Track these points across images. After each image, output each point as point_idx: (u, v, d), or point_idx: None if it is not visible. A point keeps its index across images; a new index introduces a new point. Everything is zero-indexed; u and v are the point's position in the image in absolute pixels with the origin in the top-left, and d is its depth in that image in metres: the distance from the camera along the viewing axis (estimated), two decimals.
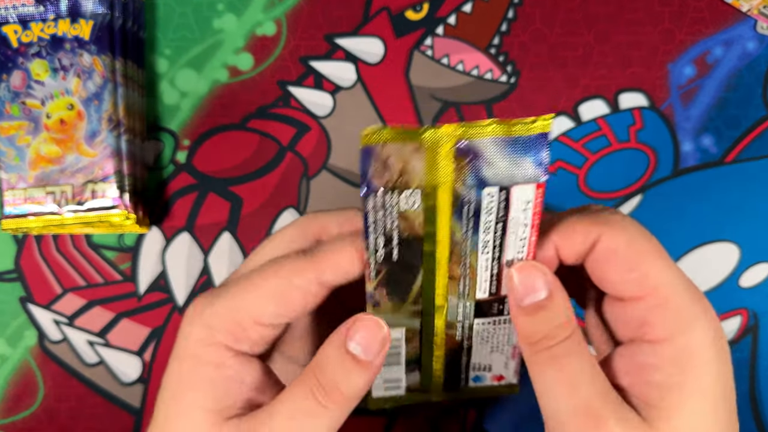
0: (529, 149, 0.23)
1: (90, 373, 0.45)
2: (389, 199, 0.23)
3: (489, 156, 0.23)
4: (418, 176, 0.23)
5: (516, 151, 0.23)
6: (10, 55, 0.44)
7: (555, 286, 0.25)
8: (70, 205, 0.42)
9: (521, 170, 0.23)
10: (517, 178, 0.23)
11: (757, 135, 0.46)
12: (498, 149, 0.23)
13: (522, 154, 0.23)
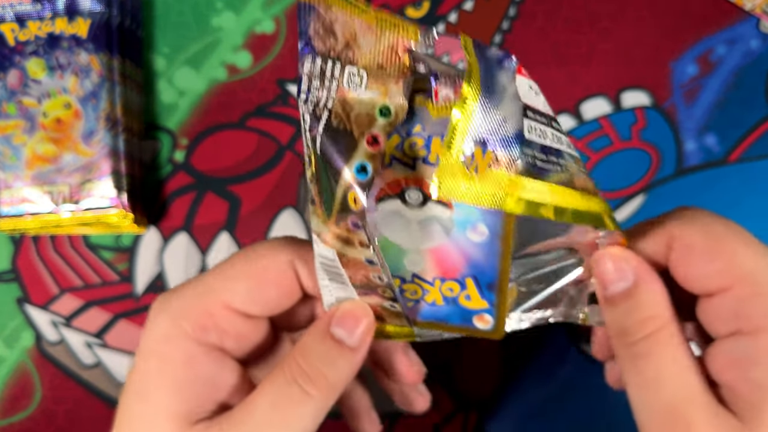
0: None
1: (87, 374, 0.45)
2: (330, 68, 0.20)
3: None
4: (367, 57, 0.20)
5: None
6: (7, 53, 0.44)
7: (642, 277, 0.23)
8: (67, 204, 0.42)
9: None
10: None
11: (761, 134, 0.46)
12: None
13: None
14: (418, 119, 0.20)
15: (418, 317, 0.25)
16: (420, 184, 0.22)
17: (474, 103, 0.20)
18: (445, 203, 0.22)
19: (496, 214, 0.23)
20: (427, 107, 0.20)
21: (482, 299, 0.25)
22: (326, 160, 0.20)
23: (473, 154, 0.20)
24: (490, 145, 0.20)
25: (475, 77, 0.20)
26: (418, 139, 0.21)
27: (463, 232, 0.23)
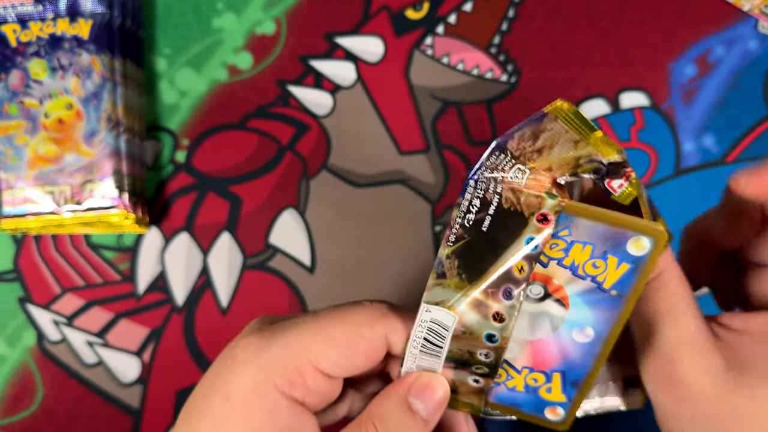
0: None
1: (89, 373, 0.45)
2: (503, 161, 0.22)
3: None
4: (544, 162, 0.22)
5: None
6: (9, 54, 0.44)
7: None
8: (69, 204, 0.42)
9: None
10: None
11: (759, 134, 0.46)
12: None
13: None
14: (568, 225, 0.22)
15: (491, 398, 0.27)
16: (546, 281, 0.24)
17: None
18: (563, 303, 0.24)
19: (607, 322, 0.24)
20: (579, 215, 0.22)
21: (562, 394, 0.26)
22: (491, 238, 0.22)
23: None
24: None
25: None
26: (561, 242, 0.23)
27: (569, 331, 0.25)
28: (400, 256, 0.46)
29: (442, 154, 0.46)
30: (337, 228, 0.46)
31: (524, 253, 0.22)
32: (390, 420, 0.25)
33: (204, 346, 0.45)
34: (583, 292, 0.24)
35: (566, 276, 0.24)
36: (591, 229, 0.22)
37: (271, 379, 0.25)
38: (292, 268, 0.46)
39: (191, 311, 0.45)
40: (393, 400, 0.25)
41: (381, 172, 0.46)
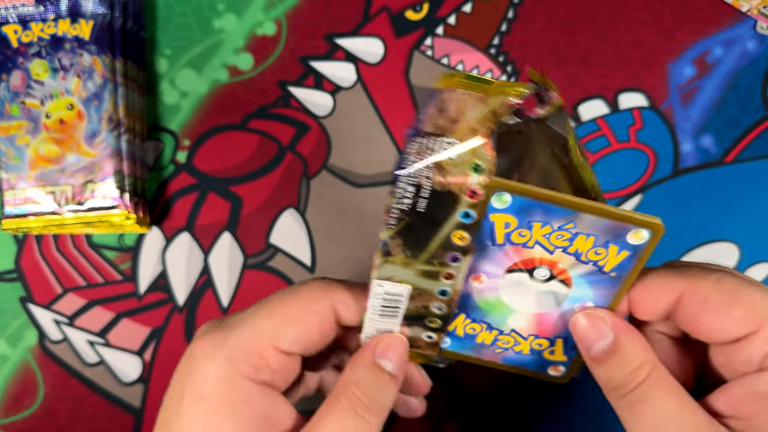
0: None
1: (90, 373, 0.46)
2: (427, 143, 0.23)
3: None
4: (465, 126, 0.23)
5: None
6: (10, 55, 0.44)
7: (621, 330, 0.25)
8: (71, 205, 0.42)
9: None
10: None
11: (757, 135, 0.46)
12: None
13: None
14: (573, 219, 0.24)
15: (501, 360, 0.30)
16: (552, 266, 0.26)
17: None
18: (567, 283, 0.26)
19: (606, 298, 0.27)
20: (587, 212, 0.24)
21: (564, 355, 0.29)
22: (428, 216, 0.24)
23: None
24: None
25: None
26: (566, 233, 0.25)
27: (571, 305, 0.27)
28: None
29: None
30: (337, 228, 0.46)
31: (458, 224, 0.24)
32: (365, 383, 0.26)
33: None
34: (585, 273, 0.26)
35: (570, 261, 0.26)
36: (595, 222, 0.24)
37: (237, 368, 0.25)
38: (292, 268, 0.46)
39: (192, 311, 0.46)
40: (363, 366, 0.27)
41: (381, 173, 0.46)
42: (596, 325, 0.25)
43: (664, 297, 0.25)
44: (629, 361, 0.25)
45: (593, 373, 0.26)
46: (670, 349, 0.28)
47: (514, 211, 0.24)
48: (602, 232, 0.24)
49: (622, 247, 0.25)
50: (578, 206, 0.24)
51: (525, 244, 0.25)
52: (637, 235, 0.24)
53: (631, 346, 0.25)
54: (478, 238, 0.25)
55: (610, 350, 0.25)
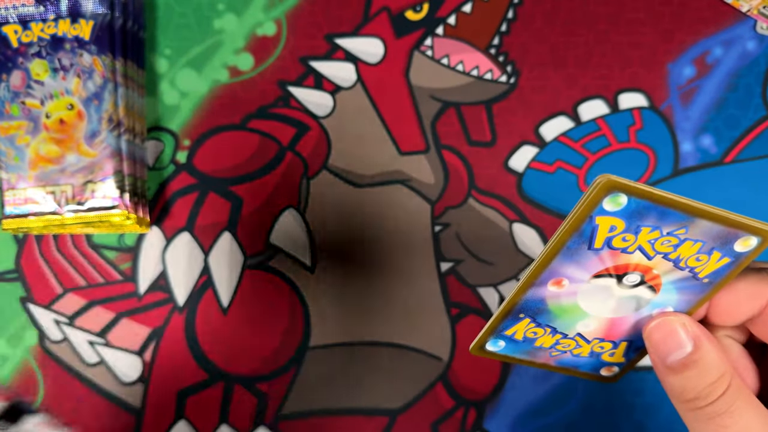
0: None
1: (90, 372, 0.46)
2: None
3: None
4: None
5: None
6: (10, 55, 0.44)
7: (701, 339, 0.24)
8: (71, 205, 0.42)
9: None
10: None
11: (757, 135, 0.46)
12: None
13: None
14: (687, 225, 0.23)
15: (554, 363, 0.29)
16: (646, 271, 0.24)
17: None
18: (655, 289, 0.25)
19: (689, 303, 0.26)
20: (706, 217, 0.23)
21: (623, 357, 0.28)
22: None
23: None
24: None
25: None
26: (674, 239, 0.23)
27: (650, 310, 0.26)
28: (400, 257, 0.46)
29: (441, 155, 0.46)
30: (337, 228, 0.46)
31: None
32: None
33: (205, 345, 0.46)
34: (678, 279, 0.25)
35: (667, 267, 0.24)
36: (709, 228, 0.23)
37: None
38: (292, 268, 0.46)
39: (192, 311, 0.46)
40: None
41: (381, 173, 0.46)
42: (674, 334, 0.24)
43: (749, 304, 0.24)
44: (708, 372, 0.23)
45: (664, 381, 0.24)
46: (740, 355, 0.27)
47: (625, 216, 0.22)
48: (712, 238, 0.23)
49: (726, 254, 0.24)
50: (698, 212, 0.22)
51: (625, 249, 0.24)
52: (745, 243, 0.23)
53: (710, 356, 0.23)
54: (574, 240, 0.23)
55: (689, 360, 0.23)
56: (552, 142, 0.46)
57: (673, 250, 0.24)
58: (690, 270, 0.24)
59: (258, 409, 0.45)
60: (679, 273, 0.24)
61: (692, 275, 0.24)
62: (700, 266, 0.24)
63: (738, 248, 0.24)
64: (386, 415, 0.46)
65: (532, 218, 0.46)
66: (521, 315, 0.26)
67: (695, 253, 0.24)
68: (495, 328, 0.27)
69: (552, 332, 0.27)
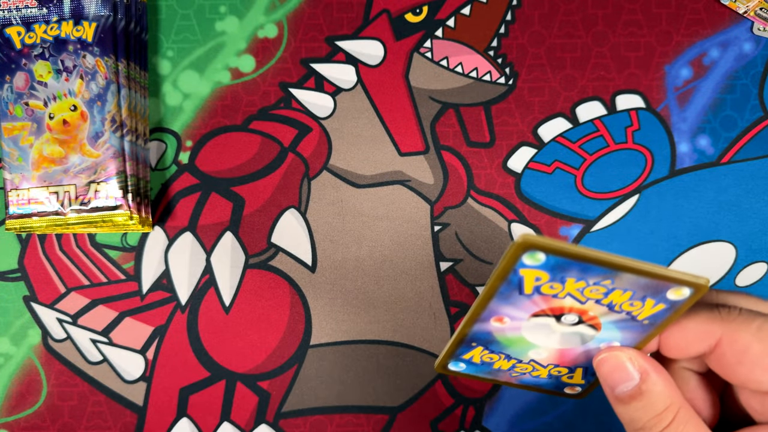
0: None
1: (93, 371, 0.46)
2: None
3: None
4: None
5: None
6: (14, 56, 0.44)
7: (647, 372, 0.24)
8: (74, 205, 0.43)
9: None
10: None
11: (753, 136, 0.46)
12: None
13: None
14: (612, 276, 0.23)
15: (516, 382, 0.30)
16: (582, 313, 0.25)
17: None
18: (596, 327, 0.25)
19: (634, 340, 0.26)
20: (629, 272, 0.23)
21: (582, 380, 0.29)
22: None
23: None
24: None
25: None
26: (602, 288, 0.24)
27: (597, 345, 0.26)
28: (400, 256, 0.46)
29: (440, 155, 0.46)
30: (337, 228, 0.46)
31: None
32: None
33: (207, 343, 0.46)
34: (616, 320, 0.25)
35: (602, 310, 0.25)
36: (635, 281, 0.23)
37: None
38: (293, 268, 0.46)
39: (195, 310, 0.46)
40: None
41: (381, 173, 0.46)
42: (622, 366, 0.25)
43: (699, 343, 0.24)
44: (654, 404, 0.24)
45: (616, 411, 0.25)
46: (697, 387, 0.27)
47: (547, 269, 0.23)
48: (641, 288, 0.23)
49: (660, 300, 0.24)
50: (619, 266, 0.23)
51: (555, 295, 0.24)
52: (677, 292, 0.23)
53: (657, 389, 0.24)
54: (505, 286, 0.24)
55: (635, 392, 0.24)
56: (550, 142, 0.46)
57: (604, 296, 0.24)
58: (627, 313, 0.24)
59: (259, 407, 0.45)
60: (616, 315, 0.25)
61: (630, 317, 0.25)
62: (636, 310, 0.24)
63: (671, 297, 0.24)
64: (386, 413, 0.46)
65: (531, 218, 0.46)
66: (473, 344, 0.27)
67: (628, 300, 0.24)
68: (452, 353, 0.28)
69: (506, 358, 0.28)
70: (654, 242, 0.46)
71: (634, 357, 0.25)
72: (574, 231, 0.46)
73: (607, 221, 0.46)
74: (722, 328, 0.24)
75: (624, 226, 0.46)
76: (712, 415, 0.27)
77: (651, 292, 0.23)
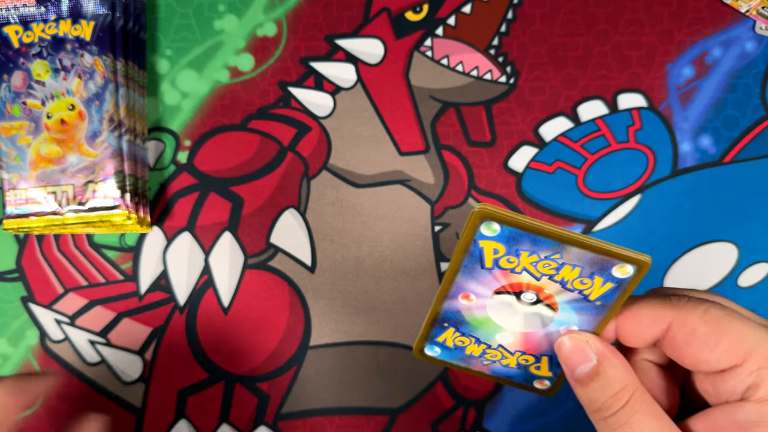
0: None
1: (91, 372, 0.46)
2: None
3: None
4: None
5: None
6: (11, 55, 0.44)
7: (604, 354, 0.26)
8: (72, 205, 0.43)
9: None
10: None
11: (756, 135, 0.46)
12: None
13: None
14: (560, 250, 0.25)
15: (488, 371, 0.31)
16: (539, 291, 0.26)
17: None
18: (553, 308, 0.27)
19: (591, 323, 0.27)
20: (574, 245, 0.25)
21: (549, 371, 0.30)
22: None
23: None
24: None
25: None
26: (553, 263, 0.25)
27: (557, 328, 0.28)
28: (400, 256, 0.46)
29: (441, 155, 0.46)
30: (337, 228, 0.46)
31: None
32: None
33: (206, 344, 0.46)
34: (570, 300, 0.27)
35: (556, 288, 0.26)
36: (581, 255, 0.25)
37: None
38: (293, 268, 0.46)
39: (193, 310, 0.46)
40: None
41: (381, 173, 0.46)
42: (580, 348, 0.26)
43: (652, 327, 0.26)
44: (611, 384, 0.26)
45: (576, 393, 0.27)
46: (657, 377, 0.28)
47: (503, 240, 0.25)
48: (588, 264, 0.25)
49: (607, 279, 0.25)
50: (565, 239, 0.24)
51: (513, 269, 0.26)
52: (622, 269, 0.25)
53: (613, 370, 0.26)
54: (468, 260, 0.25)
55: (593, 373, 0.26)
56: (551, 142, 0.46)
57: (556, 272, 0.25)
58: (579, 292, 0.26)
59: (258, 408, 0.45)
60: (569, 294, 0.26)
61: (583, 297, 0.26)
62: (587, 289, 0.26)
63: (617, 274, 0.25)
64: (386, 414, 0.46)
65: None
66: (445, 324, 0.29)
67: (578, 277, 0.25)
68: (426, 335, 0.30)
69: (477, 342, 0.29)
70: (656, 242, 0.46)
71: (591, 340, 0.26)
72: (575, 231, 0.46)
73: (608, 221, 0.46)
74: (672, 313, 0.26)
75: (626, 226, 0.46)
76: (671, 404, 0.28)
77: (598, 269, 0.25)
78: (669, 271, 0.46)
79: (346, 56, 0.47)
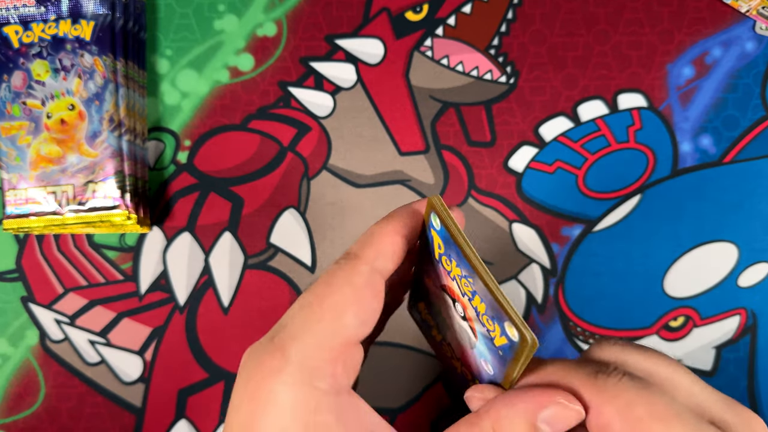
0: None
1: (91, 372, 0.46)
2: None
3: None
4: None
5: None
6: (11, 55, 0.44)
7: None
8: (72, 205, 0.43)
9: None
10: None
11: (756, 135, 0.46)
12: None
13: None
14: (473, 276, 0.22)
15: (445, 367, 0.30)
16: (465, 309, 0.24)
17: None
18: (474, 333, 0.24)
19: (500, 371, 0.24)
20: (479, 276, 0.22)
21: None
22: None
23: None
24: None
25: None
26: (470, 286, 0.23)
27: (479, 356, 0.25)
28: None
29: (441, 155, 0.46)
30: (337, 228, 0.46)
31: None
32: None
33: (206, 344, 0.46)
34: (483, 335, 0.24)
35: (473, 314, 0.24)
36: (484, 291, 0.22)
37: (318, 388, 0.22)
38: (293, 268, 0.46)
39: (193, 310, 0.46)
40: (520, 418, 0.23)
41: (381, 173, 0.46)
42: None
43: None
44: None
45: None
46: None
47: (442, 237, 0.23)
48: (489, 305, 0.22)
49: (502, 331, 0.22)
50: (472, 265, 0.22)
51: (449, 273, 0.24)
52: (510, 330, 0.22)
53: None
54: (426, 243, 0.24)
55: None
56: (551, 142, 0.46)
57: (472, 296, 0.23)
58: (487, 331, 0.23)
59: None
60: (481, 327, 0.23)
61: (489, 338, 0.23)
62: (492, 332, 0.23)
63: (508, 331, 0.22)
64: (386, 413, 0.46)
65: (532, 218, 0.46)
66: (422, 294, 0.27)
67: (484, 313, 0.23)
68: (411, 295, 0.28)
69: (437, 329, 0.28)
70: (656, 242, 0.46)
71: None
72: (575, 231, 0.46)
73: (609, 221, 0.46)
74: (592, 396, 0.23)
75: (626, 226, 0.46)
76: None
77: (495, 315, 0.22)
78: (669, 271, 0.46)
79: (346, 56, 0.47)
